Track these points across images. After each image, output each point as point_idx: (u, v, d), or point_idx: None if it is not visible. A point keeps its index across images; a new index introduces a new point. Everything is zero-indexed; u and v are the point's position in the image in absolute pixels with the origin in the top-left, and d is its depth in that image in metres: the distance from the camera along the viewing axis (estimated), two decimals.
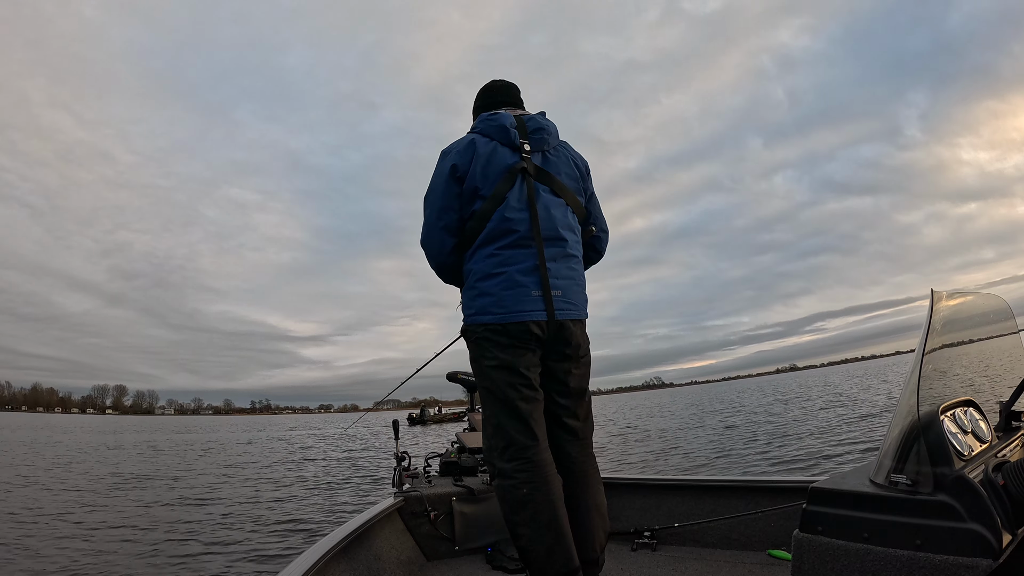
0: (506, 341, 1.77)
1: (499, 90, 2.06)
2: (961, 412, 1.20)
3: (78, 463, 14.69)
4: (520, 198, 1.81)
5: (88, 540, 5.81)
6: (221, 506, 7.84)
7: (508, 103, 2.02)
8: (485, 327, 1.79)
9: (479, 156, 1.82)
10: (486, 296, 1.79)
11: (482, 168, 1.81)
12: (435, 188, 1.86)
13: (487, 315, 1.79)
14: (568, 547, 1.67)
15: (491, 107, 2.01)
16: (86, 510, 7.56)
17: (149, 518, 7.01)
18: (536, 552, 1.67)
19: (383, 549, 2.35)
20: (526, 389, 1.78)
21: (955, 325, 1.29)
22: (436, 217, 1.84)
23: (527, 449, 1.75)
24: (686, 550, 2.41)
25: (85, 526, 6.51)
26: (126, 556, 5.21)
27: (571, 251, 1.88)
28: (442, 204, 1.84)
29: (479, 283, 1.81)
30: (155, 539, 5.86)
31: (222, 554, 5.24)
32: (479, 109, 2.05)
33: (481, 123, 1.92)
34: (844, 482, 1.13)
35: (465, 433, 3.54)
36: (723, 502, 2.48)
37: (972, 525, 0.92)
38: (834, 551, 1.03)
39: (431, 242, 1.87)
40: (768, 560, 2.18)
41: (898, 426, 1.12)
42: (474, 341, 1.84)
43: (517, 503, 1.70)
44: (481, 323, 1.80)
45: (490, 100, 2.04)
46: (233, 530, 6.25)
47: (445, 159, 1.86)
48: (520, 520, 1.69)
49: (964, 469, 1.00)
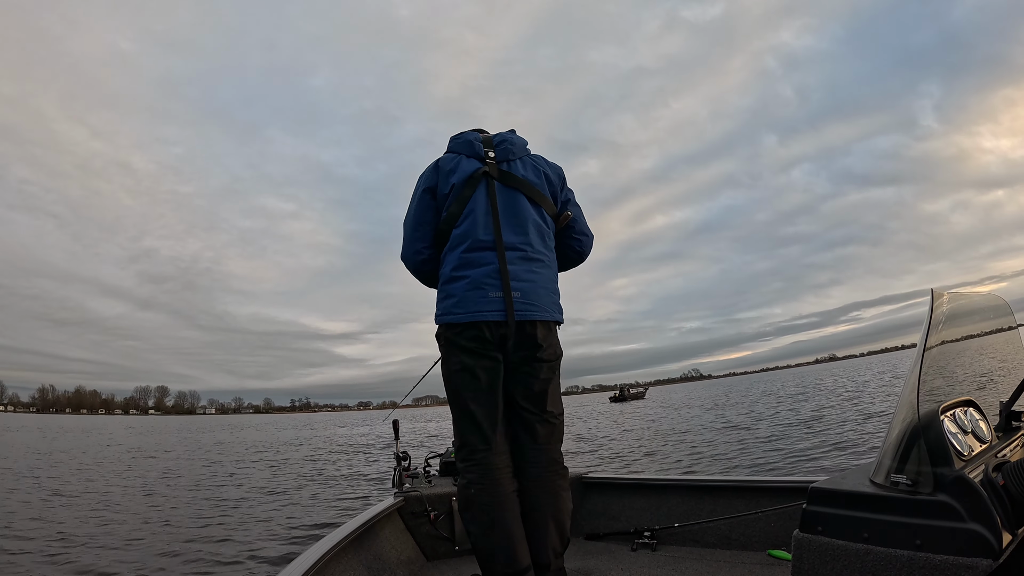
0: (465, 343, 1.85)
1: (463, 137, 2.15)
2: (961, 412, 1.20)
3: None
4: (484, 203, 1.90)
5: (84, 538, 5.82)
6: (223, 502, 7.84)
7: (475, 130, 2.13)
8: (448, 327, 1.88)
9: (444, 171, 1.96)
10: (451, 298, 1.88)
11: (448, 179, 1.94)
12: (411, 207, 2.01)
13: (450, 315, 1.87)
14: (513, 549, 1.75)
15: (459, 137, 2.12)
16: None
17: (154, 516, 7.02)
18: (480, 551, 1.80)
19: (383, 549, 2.35)
20: (479, 392, 1.86)
21: (955, 325, 1.29)
22: (413, 230, 1.99)
23: (476, 452, 1.86)
24: (686, 550, 2.41)
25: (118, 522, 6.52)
26: (123, 554, 5.22)
27: (534, 255, 1.92)
28: (416, 219, 1.98)
29: (445, 285, 1.92)
30: (152, 539, 5.86)
31: (221, 554, 5.24)
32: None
33: (449, 143, 2.08)
34: (844, 482, 1.13)
35: None
36: (723, 502, 2.47)
37: (972, 525, 0.92)
38: (834, 551, 1.03)
39: (408, 252, 2.01)
40: (768, 560, 2.18)
41: (898, 426, 1.12)
42: (442, 343, 1.94)
43: (465, 502, 1.85)
44: (445, 323, 1.89)
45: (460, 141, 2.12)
46: (232, 530, 6.26)
47: (418, 184, 2.01)
48: (467, 519, 1.84)
49: (964, 469, 1.00)
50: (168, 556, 5.19)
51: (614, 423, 21.58)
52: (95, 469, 13.16)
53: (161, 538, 5.90)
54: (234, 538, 5.85)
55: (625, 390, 64.48)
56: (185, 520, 6.86)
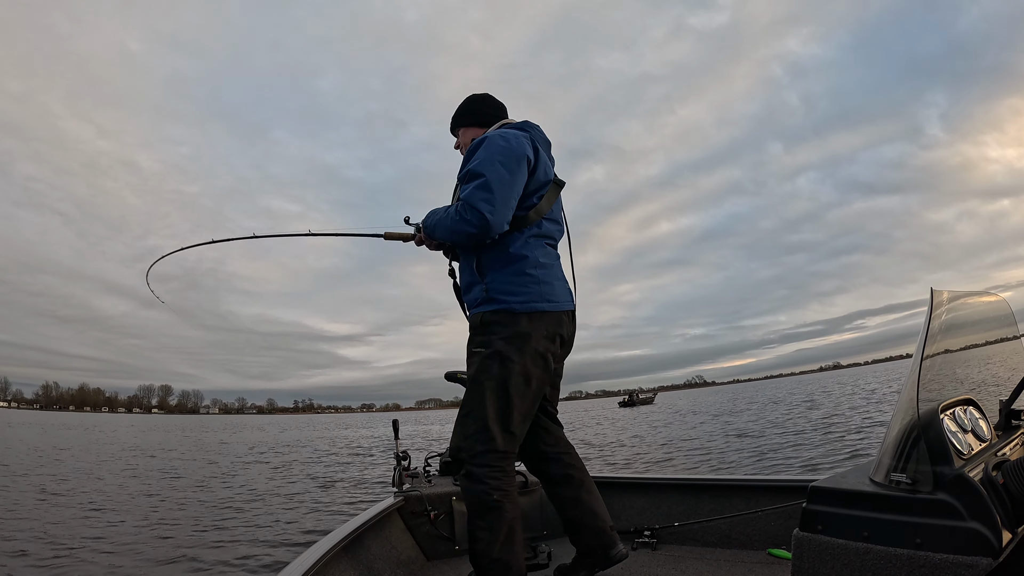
0: (543, 337, 1.78)
1: (502, 107, 2.12)
2: (961, 411, 1.20)
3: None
4: (558, 208, 2.00)
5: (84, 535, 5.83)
6: (223, 502, 7.85)
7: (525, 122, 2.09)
8: (529, 317, 1.77)
9: (543, 160, 1.91)
10: (543, 284, 1.82)
11: (544, 170, 1.90)
12: (505, 168, 1.77)
13: (543, 303, 1.80)
14: (519, 564, 1.74)
15: (501, 117, 2.07)
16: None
17: (153, 515, 7.02)
18: (495, 561, 1.71)
19: (383, 549, 2.35)
20: (526, 397, 1.79)
21: (955, 324, 1.29)
22: (509, 194, 1.76)
23: (505, 458, 1.77)
24: (686, 549, 2.41)
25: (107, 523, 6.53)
26: (120, 553, 5.23)
27: None
28: (514, 187, 1.78)
29: (534, 271, 1.82)
30: (149, 537, 5.87)
31: (220, 554, 5.25)
32: (490, 116, 2.06)
33: (533, 129, 1.95)
34: (844, 481, 1.13)
35: None
36: (723, 501, 2.48)
37: (972, 524, 0.92)
38: (834, 550, 1.03)
39: (500, 217, 1.73)
40: (768, 559, 2.18)
41: (898, 425, 1.12)
42: (505, 334, 1.77)
43: (483, 508, 1.73)
44: (536, 310, 1.78)
45: (501, 112, 2.09)
46: (231, 530, 6.26)
47: (520, 144, 1.82)
48: (482, 526, 1.73)
49: (964, 468, 1.00)
50: (167, 556, 5.19)
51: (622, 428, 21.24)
52: (95, 467, 13.16)
53: (160, 538, 5.90)
54: (233, 538, 5.85)
55: (634, 395, 63.45)
56: (185, 519, 6.86)
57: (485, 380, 1.76)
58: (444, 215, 1.83)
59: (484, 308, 1.81)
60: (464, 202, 1.74)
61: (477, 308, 1.84)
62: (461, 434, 1.80)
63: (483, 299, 1.81)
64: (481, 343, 1.80)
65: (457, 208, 1.76)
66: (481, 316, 1.82)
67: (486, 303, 1.80)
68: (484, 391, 1.76)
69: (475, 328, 1.85)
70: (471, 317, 1.88)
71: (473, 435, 1.75)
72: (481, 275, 1.82)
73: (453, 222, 1.76)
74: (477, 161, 1.77)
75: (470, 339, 1.88)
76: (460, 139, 2.10)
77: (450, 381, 3.74)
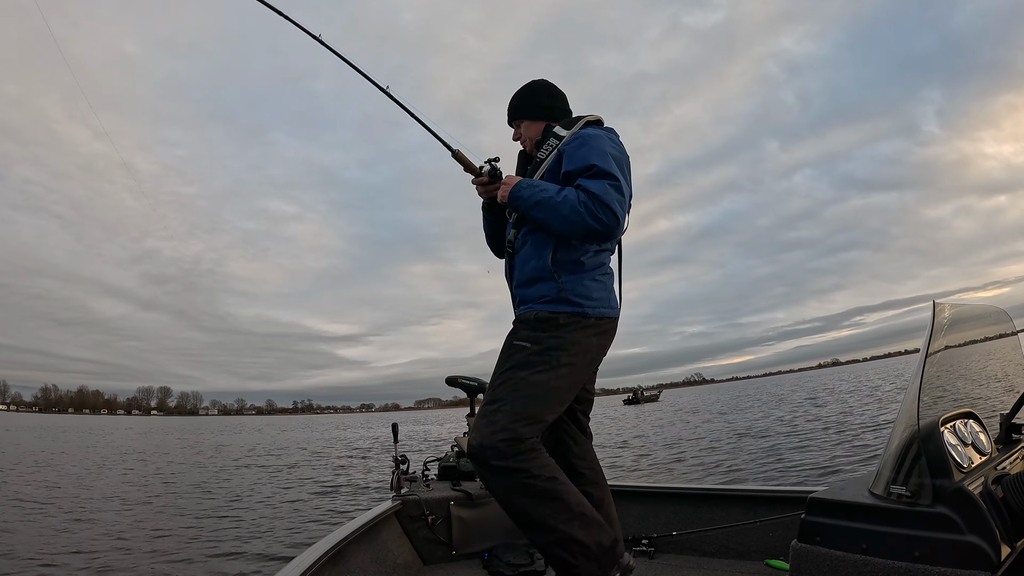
0: (600, 339, 1.77)
1: (565, 99, 2.01)
2: (961, 424, 1.20)
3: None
4: None
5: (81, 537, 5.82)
6: (220, 505, 7.83)
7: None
8: (597, 321, 1.75)
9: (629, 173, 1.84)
10: (608, 292, 1.82)
11: (628, 184, 1.78)
12: (626, 175, 1.75)
13: (608, 309, 1.79)
14: (597, 517, 1.65)
15: (569, 112, 1.98)
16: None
17: (151, 515, 7.01)
18: (587, 534, 1.58)
19: (380, 553, 2.35)
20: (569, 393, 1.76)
21: (956, 336, 1.29)
22: (625, 199, 1.70)
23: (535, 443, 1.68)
24: (684, 558, 2.40)
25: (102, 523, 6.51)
26: (118, 554, 5.21)
27: None
28: (628, 188, 1.75)
29: (603, 277, 1.82)
30: (149, 538, 5.86)
31: (218, 556, 5.23)
32: (558, 111, 1.97)
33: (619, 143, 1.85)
34: (843, 492, 1.12)
35: (465, 437, 3.53)
36: (721, 511, 2.47)
37: (971, 538, 0.92)
38: (832, 562, 1.03)
39: (618, 221, 1.66)
40: (766, 570, 2.17)
41: (898, 437, 1.11)
42: (571, 334, 1.71)
43: (537, 498, 1.58)
44: (599, 316, 1.76)
45: (566, 105, 2.00)
46: (230, 531, 6.25)
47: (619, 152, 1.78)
48: (558, 507, 1.58)
49: (963, 481, 0.99)
50: (166, 557, 5.18)
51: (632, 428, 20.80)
52: (87, 473, 13.14)
53: (159, 538, 5.89)
54: (230, 540, 5.84)
55: (639, 393, 63.17)
56: (183, 520, 6.85)
57: (528, 375, 1.66)
58: (559, 198, 1.66)
59: (552, 307, 1.72)
60: (598, 198, 1.61)
61: (541, 304, 1.73)
62: (485, 428, 1.63)
63: (554, 298, 1.72)
64: (530, 338, 1.70)
65: (583, 200, 1.62)
66: (536, 313, 1.72)
67: (557, 302, 1.72)
68: (521, 385, 1.65)
69: (527, 322, 1.74)
70: (527, 311, 1.76)
71: (500, 431, 1.60)
72: (556, 273, 1.73)
73: (574, 212, 1.62)
74: (602, 160, 1.67)
75: (513, 331, 1.79)
76: (523, 132, 1.97)
77: (451, 386, 3.74)
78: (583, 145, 1.72)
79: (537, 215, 1.71)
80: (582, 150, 1.71)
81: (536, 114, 1.95)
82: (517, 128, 1.99)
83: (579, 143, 1.74)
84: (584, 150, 1.71)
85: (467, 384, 3.71)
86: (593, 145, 1.72)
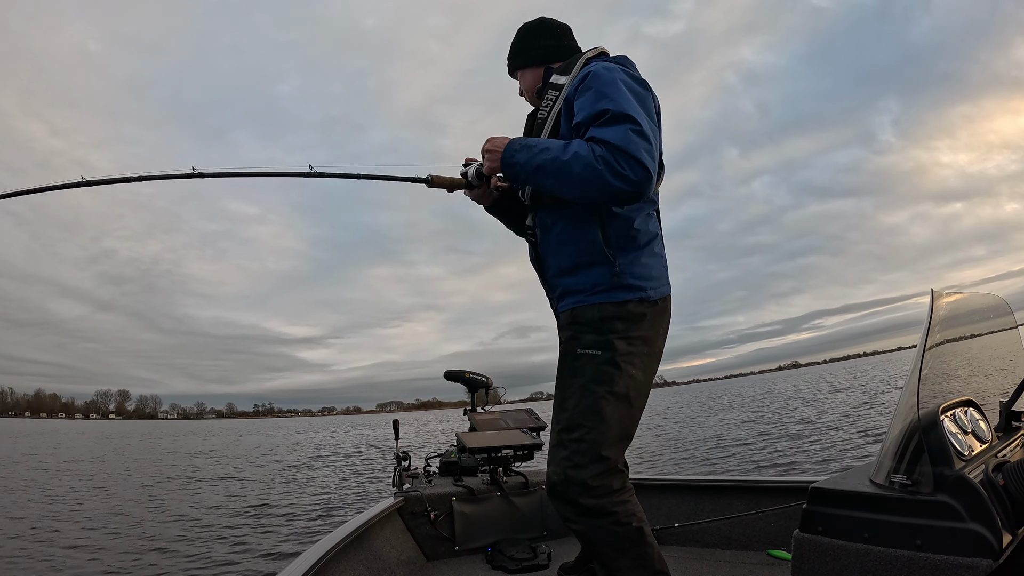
0: (668, 324, 1.50)
1: (568, 31, 1.68)
2: (961, 412, 1.20)
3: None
4: None
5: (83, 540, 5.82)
6: (219, 506, 7.84)
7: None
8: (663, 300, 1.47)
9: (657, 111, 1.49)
10: (665, 266, 1.52)
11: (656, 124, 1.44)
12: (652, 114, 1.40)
13: (667, 286, 1.51)
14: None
15: (574, 46, 1.65)
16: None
17: (150, 518, 7.01)
18: None
19: (383, 549, 2.35)
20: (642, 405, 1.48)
21: (954, 325, 1.29)
22: (654, 144, 1.32)
23: (624, 475, 1.46)
24: (686, 550, 2.41)
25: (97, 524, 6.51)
26: (117, 554, 5.22)
27: None
28: (659, 140, 1.39)
29: (660, 250, 1.52)
30: (147, 538, 5.86)
31: (217, 557, 5.24)
32: (564, 48, 1.64)
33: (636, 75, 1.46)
34: (844, 482, 1.13)
35: (466, 433, 3.53)
36: (723, 502, 2.47)
37: (972, 525, 0.92)
38: (834, 551, 1.03)
39: (650, 173, 1.29)
40: (768, 560, 2.18)
41: (898, 426, 1.12)
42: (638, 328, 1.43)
43: (626, 542, 1.39)
44: (665, 295, 1.49)
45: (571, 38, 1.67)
46: (230, 531, 6.25)
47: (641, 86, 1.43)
48: (628, 564, 1.39)
49: (964, 469, 0.99)
50: (164, 557, 5.19)
51: None
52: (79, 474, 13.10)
53: (157, 538, 5.90)
54: (231, 540, 5.85)
55: None
56: (181, 521, 6.85)
57: (606, 392, 1.39)
58: (566, 156, 1.31)
59: (610, 297, 1.42)
60: (619, 148, 1.26)
61: (597, 295, 1.43)
62: (568, 460, 1.39)
63: (611, 285, 1.41)
64: (596, 343, 1.41)
65: (600, 154, 1.27)
66: (600, 309, 1.42)
67: (615, 290, 1.41)
68: (602, 406, 1.39)
69: (591, 323, 1.43)
70: (585, 309, 1.44)
71: (589, 463, 1.37)
72: (611, 254, 1.41)
73: (589, 171, 1.27)
74: (616, 101, 1.31)
75: (573, 336, 1.46)
76: (522, 83, 1.67)
77: (452, 380, 3.73)
78: (588, 88, 1.38)
79: (543, 182, 1.37)
80: (588, 93, 1.37)
81: (532, 58, 1.63)
82: (518, 81, 1.70)
83: (583, 86, 1.40)
84: (589, 94, 1.37)
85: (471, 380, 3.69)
86: (602, 84, 1.36)
